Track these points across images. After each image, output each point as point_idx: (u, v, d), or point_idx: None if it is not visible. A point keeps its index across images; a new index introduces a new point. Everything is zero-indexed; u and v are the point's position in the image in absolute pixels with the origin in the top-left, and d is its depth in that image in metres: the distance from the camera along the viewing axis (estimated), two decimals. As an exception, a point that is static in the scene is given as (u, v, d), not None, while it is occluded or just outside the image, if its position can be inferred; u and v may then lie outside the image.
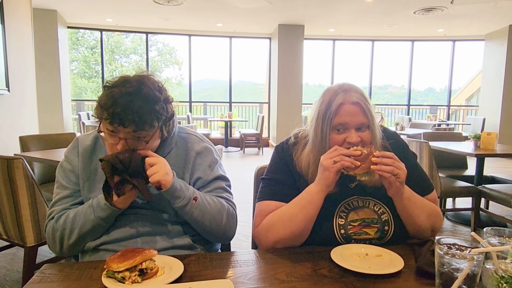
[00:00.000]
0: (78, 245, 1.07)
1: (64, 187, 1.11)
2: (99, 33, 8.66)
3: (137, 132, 0.98)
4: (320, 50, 11.14)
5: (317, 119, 1.08)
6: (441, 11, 6.48)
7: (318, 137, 1.08)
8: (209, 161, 1.16)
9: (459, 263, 0.69)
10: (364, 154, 0.99)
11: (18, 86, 4.16)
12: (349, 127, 1.05)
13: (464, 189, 3.11)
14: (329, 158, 1.00)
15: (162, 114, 1.01)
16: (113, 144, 1.01)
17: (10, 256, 2.55)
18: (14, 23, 4.08)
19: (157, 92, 1.00)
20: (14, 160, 1.80)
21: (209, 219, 1.06)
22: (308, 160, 1.10)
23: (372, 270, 0.89)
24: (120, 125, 0.95)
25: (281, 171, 1.15)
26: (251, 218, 1.14)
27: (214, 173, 1.15)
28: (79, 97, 13.50)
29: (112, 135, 1.00)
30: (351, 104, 1.04)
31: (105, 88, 1.00)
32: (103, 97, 0.98)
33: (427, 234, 1.11)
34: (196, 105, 10.16)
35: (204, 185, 1.14)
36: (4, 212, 1.89)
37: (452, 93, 9.84)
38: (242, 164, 6.68)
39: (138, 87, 0.97)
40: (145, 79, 1.01)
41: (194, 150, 1.15)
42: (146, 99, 0.97)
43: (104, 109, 0.96)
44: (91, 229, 1.04)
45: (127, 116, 0.94)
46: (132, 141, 1.00)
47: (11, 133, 3.84)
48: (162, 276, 0.86)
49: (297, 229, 1.03)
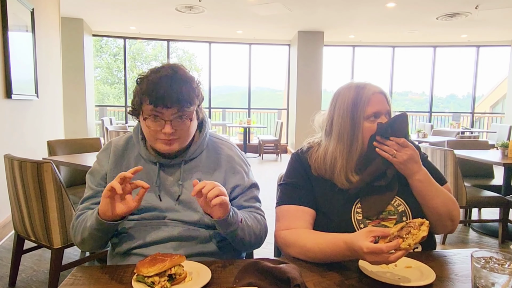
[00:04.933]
0: (86, 246, 1.09)
1: (89, 187, 1.15)
2: (122, 40, 8.88)
3: (181, 111, 1.02)
4: (339, 56, 11.08)
5: (342, 114, 1.13)
6: (465, 16, 6.34)
7: (347, 129, 1.12)
8: (245, 168, 1.19)
9: (497, 277, 0.66)
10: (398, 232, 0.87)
11: (46, 92, 4.31)
12: (380, 114, 1.12)
13: (491, 199, 3.01)
14: (376, 261, 0.85)
15: (198, 93, 1.08)
16: (158, 131, 1.03)
17: (37, 257, 2.62)
18: (43, 31, 4.25)
19: (189, 74, 1.08)
20: (44, 164, 1.86)
21: (248, 237, 1.07)
22: (336, 155, 1.13)
23: (402, 281, 0.87)
24: (164, 107, 1.00)
25: (299, 175, 1.18)
26: (270, 225, 1.15)
27: (250, 180, 1.18)
28: (101, 103, 13.84)
29: (156, 120, 1.03)
30: (379, 93, 1.13)
31: (139, 81, 1.06)
32: (143, 85, 1.03)
33: (446, 223, 1.13)
34: (215, 111, 10.25)
35: (242, 193, 1.15)
36: (33, 214, 1.95)
37: (476, 99, 9.58)
38: (260, 171, 6.67)
39: (174, 71, 1.04)
40: (176, 65, 1.08)
41: (226, 155, 1.18)
42: (183, 80, 1.03)
43: (146, 95, 1.01)
44: (88, 236, 1.04)
45: (170, 97, 0.99)
46: (176, 123, 1.04)
47: (39, 137, 3.97)
48: (190, 282, 0.87)
49: (313, 260, 1.02)
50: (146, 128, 1.06)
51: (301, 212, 1.13)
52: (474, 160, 3.27)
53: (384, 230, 0.86)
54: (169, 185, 1.11)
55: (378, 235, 0.86)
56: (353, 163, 1.13)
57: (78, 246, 1.12)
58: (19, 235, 2.14)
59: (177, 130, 1.04)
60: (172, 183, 1.11)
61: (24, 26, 3.64)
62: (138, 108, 1.06)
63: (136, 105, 1.06)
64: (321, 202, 1.15)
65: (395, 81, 9.36)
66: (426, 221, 0.88)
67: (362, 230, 0.89)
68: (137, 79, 1.07)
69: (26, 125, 3.71)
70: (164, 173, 1.13)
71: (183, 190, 1.11)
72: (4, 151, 2.39)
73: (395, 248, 0.82)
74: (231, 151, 1.20)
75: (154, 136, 1.05)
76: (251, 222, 1.09)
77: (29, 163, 1.87)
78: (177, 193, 1.10)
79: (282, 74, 10.21)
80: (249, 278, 0.85)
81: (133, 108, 1.09)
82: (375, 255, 0.83)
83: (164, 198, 1.11)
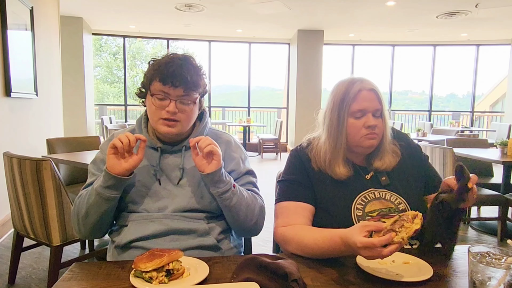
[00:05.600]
0: (89, 220, 1.08)
1: (92, 174, 1.17)
2: (122, 39, 8.88)
3: (186, 93, 1.08)
4: (339, 55, 11.07)
5: (332, 108, 1.15)
6: (465, 15, 6.34)
7: (334, 124, 1.14)
8: (242, 155, 1.23)
9: (494, 271, 0.67)
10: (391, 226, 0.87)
11: (46, 90, 4.31)
12: (366, 112, 1.11)
13: (490, 197, 3.01)
14: (370, 255, 0.84)
15: (204, 83, 1.14)
16: (162, 109, 1.08)
17: (36, 255, 2.63)
18: (43, 30, 4.24)
19: (198, 64, 1.14)
20: (43, 161, 1.86)
21: (244, 208, 1.10)
22: (325, 148, 1.16)
23: (400, 277, 0.87)
24: (172, 86, 1.06)
25: (297, 171, 1.19)
26: (269, 223, 1.16)
27: (246, 167, 1.22)
28: (101, 101, 13.82)
29: (162, 98, 1.08)
30: (368, 90, 1.12)
31: (151, 62, 1.12)
32: (155, 65, 1.09)
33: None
34: (215, 110, 10.25)
35: (238, 178, 1.19)
36: (32, 212, 1.96)
37: (476, 98, 9.58)
38: (260, 169, 6.67)
39: (185, 57, 1.11)
40: (187, 54, 1.14)
41: (224, 143, 1.21)
42: (193, 65, 1.11)
43: (158, 72, 1.07)
44: (93, 204, 1.05)
45: (179, 76, 1.05)
46: (180, 104, 1.08)
47: (39, 135, 3.97)
48: (188, 277, 0.87)
49: (311, 256, 1.02)
50: (151, 106, 1.10)
51: (300, 209, 1.13)
52: (474, 158, 3.27)
53: (377, 225, 0.86)
54: (170, 170, 1.15)
55: (372, 230, 0.86)
56: (340, 158, 1.14)
57: (82, 228, 1.10)
58: (18, 233, 2.15)
59: (180, 112, 1.09)
60: (173, 168, 1.15)
61: (23, 25, 3.64)
62: (146, 87, 1.12)
63: (145, 84, 1.12)
64: (321, 198, 1.15)
65: (395, 80, 9.36)
66: (420, 214, 0.87)
67: (356, 225, 0.89)
68: (150, 61, 1.13)
69: (26, 123, 3.71)
70: (165, 159, 1.16)
71: (184, 174, 1.14)
72: (3, 149, 2.40)
73: (389, 242, 0.81)
74: (229, 139, 1.25)
75: (157, 115, 1.09)
76: (246, 194, 1.13)
77: (28, 161, 1.87)
78: (178, 177, 1.14)
79: (282, 73, 10.21)
80: (247, 274, 0.85)
81: (140, 90, 1.15)
82: (369, 249, 0.82)
83: (164, 182, 1.14)
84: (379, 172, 1.17)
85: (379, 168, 1.16)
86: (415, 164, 1.22)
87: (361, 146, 1.15)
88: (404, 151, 1.22)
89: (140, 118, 1.22)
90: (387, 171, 1.17)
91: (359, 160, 1.21)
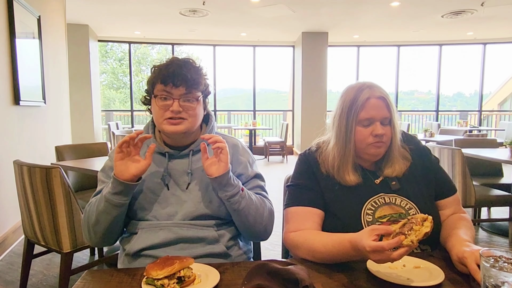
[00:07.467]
0: (100, 227, 1.08)
1: (102, 181, 1.18)
2: (127, 45, 8.95)
3: (188, 91, 1.10)
4: (344, 57, 11.05)
5: (340, 114, 1.14)
6: (471, 14, 6.29)
7: (342, 131, 1.13)
8: (249, 159, 1.23)
9: (507, 276, 0.66)
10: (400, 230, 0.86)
11: (53, 98, 4.35)
12: (374, 120, 1.10)
13: (500, 198, 2.97)
14: (379, 259, 0.84)
15: (205, 83, 1.16)
16: (166, 109, 1.09)
17: (46, 262, 2.65)
18: (50, 38, 4.30)
19: (199, 65, 1.17)
20: (53, 169, 1.88)
21: (253, 212, 1.10)
22: (334, 153, 1.15)
23: (411, 282, 0.86)
24: (173, 86, 1.08)
25: (306, 176, 1.18)
26: (277, 226, 1.15)
27: (254, 170, 1.23)
28: (108, 107, 13.95)
29: (165, 98, 1.10)
30: (377, 98, 1.10)
31: (153, 69, 1.15)
32: (157, 69, 1.13)
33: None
34: (220, 113, 10.28)
35: (246, 181, 1.19)
36: (42, 219, 1.97)
37: (484, 97, 9.48)
38: (267, 172, 6.67)
39: (185, 59, 1.15)
40: (187, 57, 1.18)
41: (231, 147, 1.21)
42: (192, 65, 1.14)
43: (159, 75, 1.10)
44: (104, 208, 1.06)
45: (179, 76, 1.08)
46: (184, 103, 1.10)
47: (47, 143, 4.02)
48: (199, 284, 0.87)
49: (321, 261, 1.02)
50: (155, 107, 1.12)
51: (310, 214, 1.13)
52: (483, 158, 3.24)
53: (386, 228, 0.85)
54: (178, 175, 1.15)
55: (381, 233, 0.85)
56: (349, 164, 1.14)
57: (90, 233, 1.11)
58: (29, 240, 2.17)
59: (184, 111, 1.10)
60: (181, 173, 1.15)
61: (31, 33, 3.69)
62: (150, 92, 1.15)
63: (149, 89, 1.15)
64: (330, 202, 1.14)
65: (400, 80, 9.32)
66: (429, 217, 0.86)
67: (365, 229, 0.89)
68: (152, 67, 1.16)
69: (34, 131, 3.75)
70: (172, 164, 1.16)
71: (192, 179, 1.14)
72: (13, 157, 2.43)
73: (398, 245, 0.81)
74: (236, 143, 1.25)
75: (162, 115, 1.11)
76: (255, 198, 1.13)
77: (38, 168, 1.89)
78: (186, 182, 1.15)
79: (287, 75, 10.20)
80: (258, 280, 0.85)
81: (145, 97, 1.18)
82: (378, 253, 0.82)
83: (172, 187, 1.14)
84: (389, 176, 1.17)
85: (390, 175, 1.16)
86: (425, 167, 1.21)
87: (368, 154, 1.14)
88: (414, 155, 1.21)
89: (147, 125, 1.24)
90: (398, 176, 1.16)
91: (368, 164, 1.20)
